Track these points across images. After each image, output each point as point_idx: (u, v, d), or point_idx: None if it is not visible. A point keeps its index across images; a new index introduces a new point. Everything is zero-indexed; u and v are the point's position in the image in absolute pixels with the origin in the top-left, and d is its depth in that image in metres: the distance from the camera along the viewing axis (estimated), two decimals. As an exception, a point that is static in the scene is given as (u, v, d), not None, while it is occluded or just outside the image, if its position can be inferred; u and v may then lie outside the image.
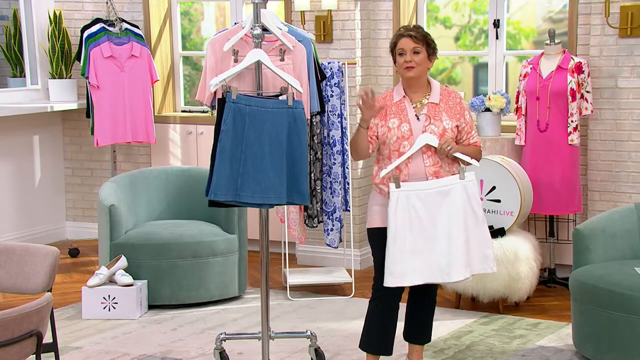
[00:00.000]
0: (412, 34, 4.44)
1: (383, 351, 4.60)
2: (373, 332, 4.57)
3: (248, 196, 4.40)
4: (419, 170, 4.42)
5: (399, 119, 4.45)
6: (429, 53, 4.47)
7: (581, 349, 5.02)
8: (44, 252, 4.20)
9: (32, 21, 7.83)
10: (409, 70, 4.43)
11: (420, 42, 4.44)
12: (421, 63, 4.44)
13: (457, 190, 4.42)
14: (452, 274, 4.41)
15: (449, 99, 4.51)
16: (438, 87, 4.53)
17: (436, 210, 4.39)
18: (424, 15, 7.08)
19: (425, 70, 4.47)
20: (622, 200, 6.24)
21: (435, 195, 4.40)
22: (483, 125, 6.44)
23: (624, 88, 6.23)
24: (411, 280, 4.39)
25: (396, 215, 4.38)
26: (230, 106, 4.37)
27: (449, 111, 4.47)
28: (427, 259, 4.39)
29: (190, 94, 8.06)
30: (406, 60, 4.43)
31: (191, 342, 5.43)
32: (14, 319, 3.38)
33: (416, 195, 4.38)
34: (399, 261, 4.36)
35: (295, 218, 6.33)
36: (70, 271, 7.10)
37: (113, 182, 6.40)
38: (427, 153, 4.42)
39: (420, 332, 4.75)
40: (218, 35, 4.78)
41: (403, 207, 4.37)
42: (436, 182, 4.41)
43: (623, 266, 4.96)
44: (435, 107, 4.47)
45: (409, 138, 4.42)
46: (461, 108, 4.51)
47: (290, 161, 4.44)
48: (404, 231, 4.37)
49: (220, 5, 8.08)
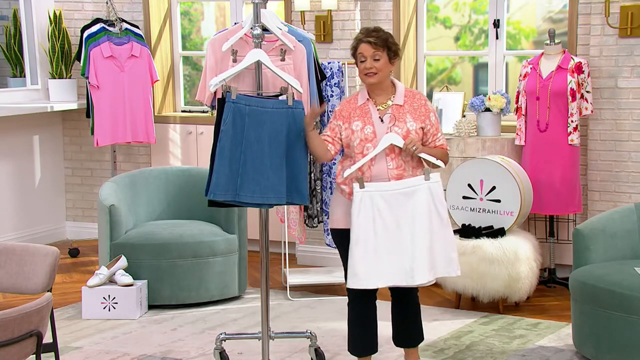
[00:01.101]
0: (371, 40, 4.38)
1: (369, 352, 4.60)
2: (356, 334, 4.56)
3: (247, 196, 4.39)
4: (381, 173, 4.39)
5: (363, 121, 4.42)
6: (390, 57, 4.41)
7: (581, 349, 5.02)
8: (44, 252, 4.20)
9: (32, 21, 7.83)
10: (370, 77, 4.39)
11: (381, 48, 4.38)
12: (382, 69, 4.39)
13: (422, 191, 4.37)
14: (416, 277, 4.35)
15: (414, 100, 4.46)
16: (402, 88, 4.48)
17: (400, 212, 4.34)
18: (424, 15, 7.08)
19: (387, 74, 4.43)
20: (622, 200, 6.24)
21: (399, 196, 4.35)
22: (483, 125, 6.44)
23: (624, 88, 6.23)
24: (375, 282, 4.34)
25: (359, 216, 4.33)
26: (230, 106, 4.37)
27: (413, 113, 4.43)
28: (391, 261, 4.33)
29: (190, 94, 8.06)
30: (366, 67, 4.38)
31: (191, 342, 5.43)
32: (14, 319, 3.38)
33: (380, 196, 4.34)
34: (362, 263, 4.32)
35: (295, 218, 6.33)
36: (70, 271, 7.10)
37: (113, 182, 6.40)
38: (391, 155, 4.38)
39: (409, 335, 4.68)
40: (218, 35, 4.78)
41: (367, 208, 4.32)
42: (401, 183, 4.36)
43: (623, 266, 4.96)
44: (399, 108, 4.43)
45: (372, 140, 4.38)
46: (426, 110, 4.46)
47: (289, 161, 4.44)
48: (367, 232, 4.32)
49: (220, 5, 8.07)
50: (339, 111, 4.49)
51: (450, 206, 6.09)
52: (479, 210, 6.00)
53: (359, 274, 4.33)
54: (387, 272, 4.34)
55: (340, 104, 4.54)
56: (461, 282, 5.80)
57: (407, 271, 4.34)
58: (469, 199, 6.03)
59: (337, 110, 4.51)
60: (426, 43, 7.14)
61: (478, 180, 5.99)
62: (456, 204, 6.08)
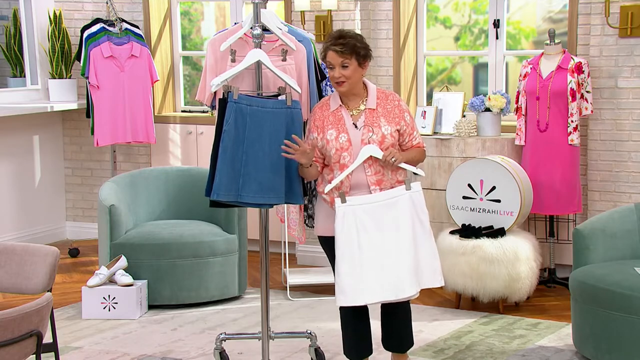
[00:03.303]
0: (337, 49, 4.29)
1: (363, 353, 4.58)
2: (349, 337, 4.55)
3: (249, 196, 4.39)
4: (360, 181, 4.34)
5: (337, 129, 4.34)
6: (360, 61, 4.32)
7: (581, 349, 5.02)
8: (44, 252, 4.20)
9: (32, 21, 7.83)
10: (340, 85, 4.32)
11: (348, 55, 4.28)
12: (351, 76, 4.30)
13: (403, 202, 4.30)
14: (406, 289, 4.28)
15: (387, 102, 4.39)
16: (374, 91, 4.41)
17: (384, 224, 4.28)
18: (424, 15, 7.08)
19: (358, 79, 4.35)
20: (622, 200, 6.24)
21: (382, 208, 4.29)
22: (483, 125, 6.44)
23: (624, 88, 6.23)
24: (364, 299, 4.27)
25: (343, 231, 4.27)
26: (232, 106, 4.37)
27: (387, 115, 4.36)
28: (378, 275, 4.27)
29: (190, 94, 8.07)
30: (335, 77, 4.31)
31: (191, 342, 5.43)
32: (14, 319, 3.38)
33: (362, 210, 4.28)
34: (349, 279, 4.26)
35: (295, 218, 6.31)
36: (70, 271, 7.10)
37: (113, 182, 6.40)
38: (368, 162, 4.32)
39: (398, 341, 4.61)
40: (218, 35, 4.78)
41: (350, 223, 4.27)
42: (382, 195, 4.31)
43: (623, 266, 4.96)
44: (372, 112, 4.35)
45: (348, 149, 4.32)
46: (400, 110, 4.38)
47: (286, 161, 4.44)
48: (352, 247, 4.27)
49: (220, 5, 8.08)
50: (313, 122, 4.42)
51: (450, 206, 6.09)
52: (479, 210, 6.00)
53: (346, 290, 4.26)
54: (374, 287, 4.27)
55: (313, 112, 4.45)
56: (461, 282, 5.80)
57: (395, 284, 4.28)
58: (469, 199, 6.03)
59: (311, 121, 4.43)
60: (426, 43, 7.14)
61: (478, 180, 5.99)
62: (456, 204, 6.08)
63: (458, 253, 5.78)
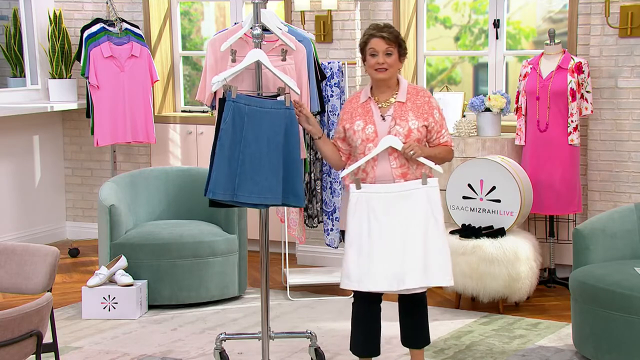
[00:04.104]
0: (384, 35, 4.35)
1: (370, 352, 4.58)
2: (358, 334, 4.55)
3: (245, 196, 4.39)
4: (385, 173, 4.36)
5: (364, 120, 4.39)
6: (400, 54, 4.39)
7: (581, 349, 5.02)
8: (44, 252, 4.20)
9: (32, 21, 7.83)
10: (381, 72, 4.37)
11: (393, 44, 4.35)
12: (393, 64, 4.37)
13: (418, 196, 4.33)
14: (407, 281, 4.29)
15: (417, 97, 4.42)
16: (406, 85, 4.45)
17: (396, 215, 4.30)
18: (424, 15, 7.08)
19: (396, 71, 4.41)
20: (622, 200, 6.24)
21: (396, 199, 4.31)
22: (483, 125, 6.44)
23: (624, 88, 6.23)
24: (367, 285, 4.31)
25: (354, 217, 4.31)
26: (230, 105, 4.37)
27: (416, 110, 4.39)
28: (384, 264, 4.29)
29: (190, 94, 8.07)
30: (378, 62, 4.35)
31: (191, 342, 5.44)
32: (14, 319, 3.38)
33: (377, 198, 4.31)
34: (355, 265, 4.30)
35: (295, 218, 6.33)
36: (70, 271, 7.10)
37: (113, 182, 6.40)
38: (394, 154, 4.35)
39: (415, 336, 4.63)
40: (218, 35, 4.78)
41: (362, 209, 4.30)
42: (398, 186, 4.33)
43: (623, 266, 4.96)
44: (402, 106, 4.40)
45: (374, 140, 4.36)
46: (430, 107, 4.42)
47: (286, 162, 4.43)
48: (362, 234, 4.30)
49: (220, 5, 8.08)
50: (342, 114, 4.49)
51: (450, 206, 6.09)
52: (479, 210, 6.00)
53: (351, 275, 4.32)
54: (379, 276, 4.30)
55: (344, 105, 4.53)
56: (461, 282, 5.80)
57: (398, 274, 4.30)
58: (469, 199, 6.03)
59: (340, 113, 4.50)
60: (426, 43, 7.14)
61: (478, 180, 5.99)
62: (456, 204, 6.08)
63: (458, 253, 5.77)
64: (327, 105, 6.30)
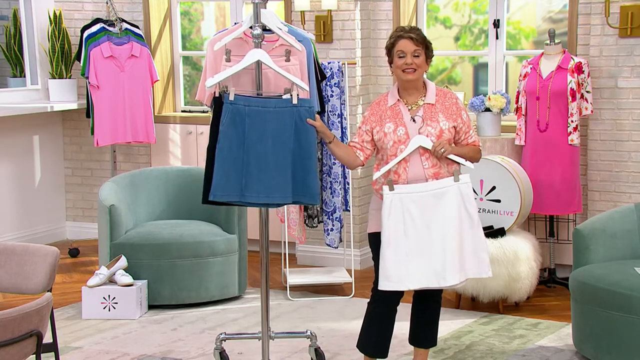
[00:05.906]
0: (413, 36, 4.39)
1: (379, 353, 4.59)
2: (371, 334, 4.56)
3: (253, 196, 4.37)
4: (418, 173, 4.38)
5: (395, 122, 4.41)
6: (427, 56, 4.44)
7: (581, 349, 5.02)
8: (44, 252, 4.20)
9: (32, 21, 7.83)
10: (410, 73, 4.40)
11: (421, 45, 4.40)
12: (421, 66, 4.40)
13: (451, 193, 4.36)
14: (448, 278, 4.35)
15: (445, 99, 4.46)
16: (434, 88, 4.49)
17: (430, 213, 4.34)
18: (424, 15, 7.08)
19: (423, 72, 4.46)
20: (622, 200, 6.24)
21: (429, 197, 4.34)
22: (483, 125, 6.44)
23: (624, 88, 6.23)
24: (406, 284, 4.34)
25: (390, 219, 4.33)
26: (228, 107, 4.34)
27: (445, 112, 4.43)
28: (422, 263, 4.33)
29: (190, 94, 8.07)
30: (407, 63, 4.38)
31: (191, 342, 5.43)
32: (14, 319, 3.38)
33: (410, 198, 4.33)
34: (394, 265, 4.32)
35: (295, 218, 6.33)
36: (70, 271, 7.10)
37: (113, 182, 6.40)
38: (425, 155, 4.38)
39: (425, 335, 4.69)
40: (218, 35, 4.76)
41: (397, 210, 4.32)
42: (430, 185, 4.36)
43: (623, 266, 4.96)
44: (431, 107, 4.43)
45: (405, 141, 4.38)
46: (457, 108, 4.47)
47: (298, 160, 4.39)
48: (398, 234, 4.32)
49: (220, 5, 8.08)
50: (369, 116, 4.48)
51: (450, 206, 6.08)
52: (479, 210, 5.99)
53: (391, 276, 4.33)
54: (418, 274, 4.34)
55: (370, 108, 4.52)
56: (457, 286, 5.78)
57: (439, 272, 4.34)
58: (469, 199, 6.03)
59: (365, 115, 4.51)
60: (426, 43, 7.13)
61: (478, 180, 5.99)
62: (456, 204, 6.07)
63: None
64: (327, 105, 6.30)
